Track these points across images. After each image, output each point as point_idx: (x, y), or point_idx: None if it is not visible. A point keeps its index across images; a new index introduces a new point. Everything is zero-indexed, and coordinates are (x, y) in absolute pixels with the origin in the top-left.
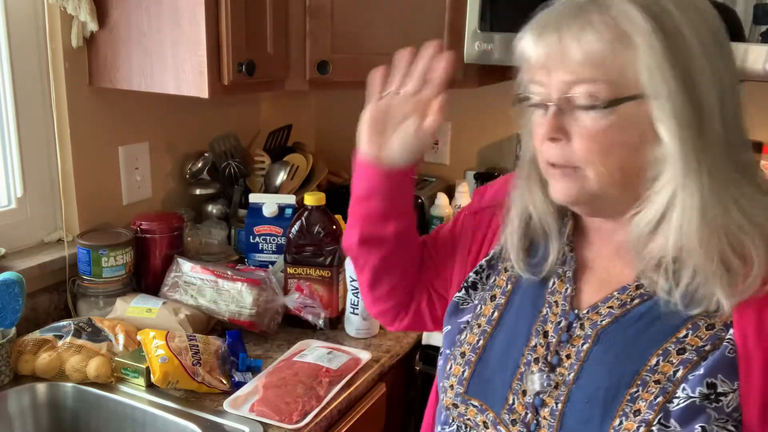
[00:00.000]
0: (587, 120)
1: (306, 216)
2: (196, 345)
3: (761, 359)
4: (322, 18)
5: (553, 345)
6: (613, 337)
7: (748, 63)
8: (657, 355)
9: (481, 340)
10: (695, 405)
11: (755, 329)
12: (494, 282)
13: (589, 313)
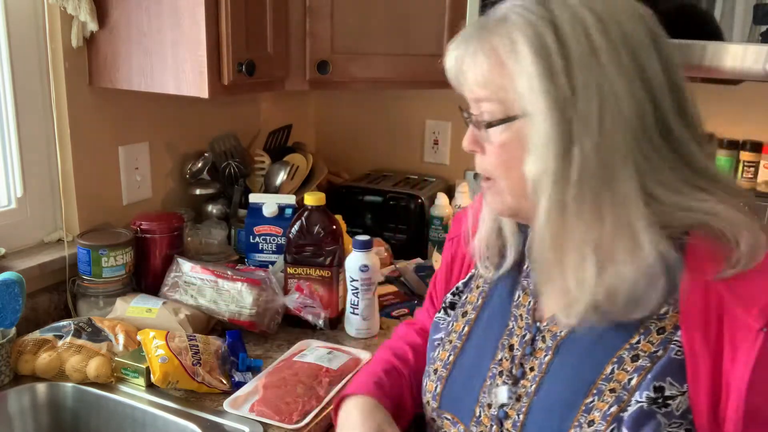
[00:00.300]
0: (490, 135)
1: (306, 216)
2: (196, 345)
3: (708, 363)
4: (322, 18)
5: (518, 358)
6: (571, 347)
7: (747, 63)
8: (612, 363)
9: (451, 355)
10: (643, 410)
11: (700, 329)
12: (466, 299)
13: (548, 325)
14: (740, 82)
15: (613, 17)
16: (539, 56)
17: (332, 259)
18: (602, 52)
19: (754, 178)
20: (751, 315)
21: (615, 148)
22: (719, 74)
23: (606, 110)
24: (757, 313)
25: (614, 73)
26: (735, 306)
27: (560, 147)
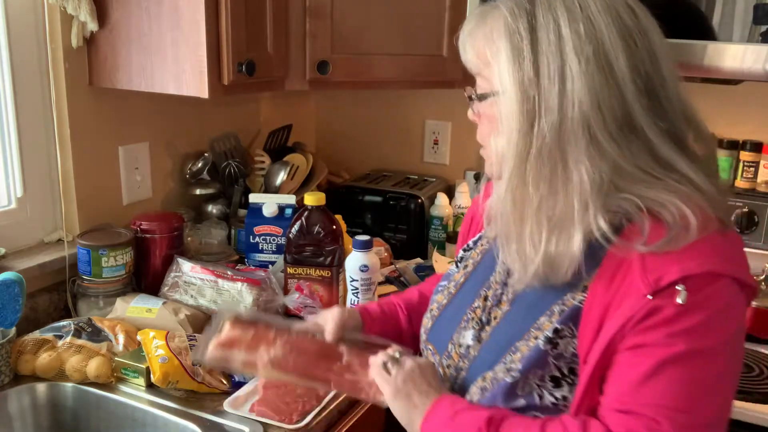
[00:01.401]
0: (479, 108)
1: (306, 216)
2: (196, 345)
3: (599, 310)
4: (322, 18)
5: (488, 307)
6: (522, 301)
7: (747, 63)
8: (545, 315)
9: (446, 300)
10: (540, 349)
11: (605, 284)
12: (471, 255)
13: (514, 282)
14: (740, 82)
15: (585, 13)
16: (510, 41)
17: (332, 259)
18: (567, 44)
19: (754, 178)
20: (645, 282)
21: (571, 131)
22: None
23: (565, 97)
24: (651, 282)
25: (575, 64)
26: (638, 273)
27: (523, 124)
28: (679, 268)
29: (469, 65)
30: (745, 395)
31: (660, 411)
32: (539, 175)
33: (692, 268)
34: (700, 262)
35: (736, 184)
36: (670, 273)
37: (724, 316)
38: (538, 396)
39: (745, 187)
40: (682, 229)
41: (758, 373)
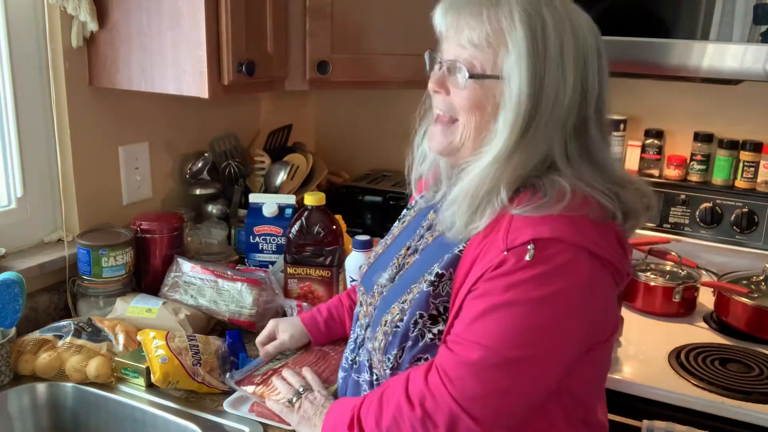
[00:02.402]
0: (466, 83)
1: (306, 216)
2: (196, 345)
3: (469, 261)
4: (322, 18)
5: (406, 255)
6: (427, 251)
7: (747, 63)
8: (438, 263)
9: (381, 249)
10: (422, 291)
11: (479, 241)
12: (409, 213)
13: (428, 234)
14: (740, 82)
15: (582, 31)
16: (530, 39)
17: (332, 259)
18: (568, 55)
19: (754, 178)
20: (504, 240)
21: (551, 125)
22: (719, 74)
23: (557, 98)
24: (509, 241)
25: (570, 73)
26: (502, 231)
27: (527, 111)
28: (533, 231)
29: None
30: (745, 395)
31: (473, 345)
32: (522, 154)
33: (544, 232)
34: (552, 229)
35: (736, 184)
36: (524, 234)
37: (564, 276)
38: (421, 335)
39: (745, 187)
40: (553, 201)
41: (758, 373)
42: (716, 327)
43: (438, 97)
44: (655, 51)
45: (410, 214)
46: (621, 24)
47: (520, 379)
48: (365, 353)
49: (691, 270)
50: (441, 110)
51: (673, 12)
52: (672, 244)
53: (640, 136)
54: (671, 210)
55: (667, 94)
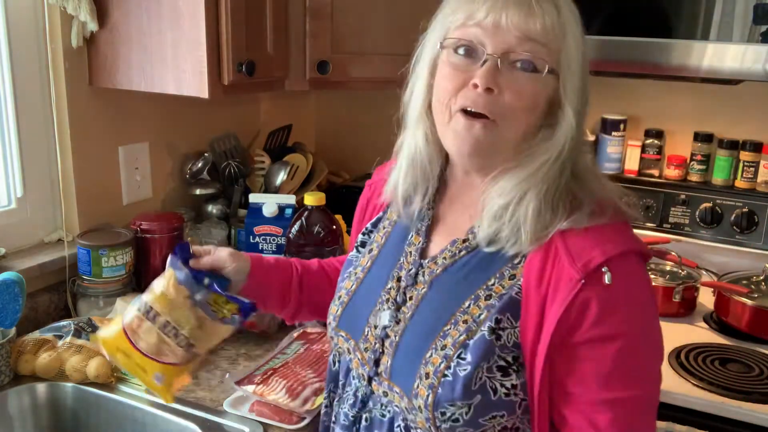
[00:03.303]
0: (522, 79)
1: (306, 216)
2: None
3: (537, 303)
4: (322, 18)
5: (402, 288)
6: (442, 283)
7: (747, 63)
8: (470, 299)
9: (354, 285)
10: (485, 339)
11: (537, 276)
12: (374, 239)
13: (428, 263)
14: (740, 82)
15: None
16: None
17: None
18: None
19: (754, 178)
20: (575, 267)
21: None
22: (719, 74)
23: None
24: (580, 267)
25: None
26: (563, 257)
27: (582, 105)
28: (600, 250)
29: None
30: (745, 395)
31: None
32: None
33: (610, 249)
34: (615, 243)
35: (736, 184)
36: (593, 256)
37: (641, 287)
38: (492, 389)
39: (745, 187)
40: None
41: (758, 373)
42: (716, 327)
43: (480, 96)
44: (655, 51)
45: (374, 239)
46: (621, 24)
47: (656, 403)
48: (379, 408)
49: (691, 270)
50: (481, 109)
51: (673, 12)
52: (672, 244)
53: (640, 136)
54: (671, 210)
55: (667, 94)
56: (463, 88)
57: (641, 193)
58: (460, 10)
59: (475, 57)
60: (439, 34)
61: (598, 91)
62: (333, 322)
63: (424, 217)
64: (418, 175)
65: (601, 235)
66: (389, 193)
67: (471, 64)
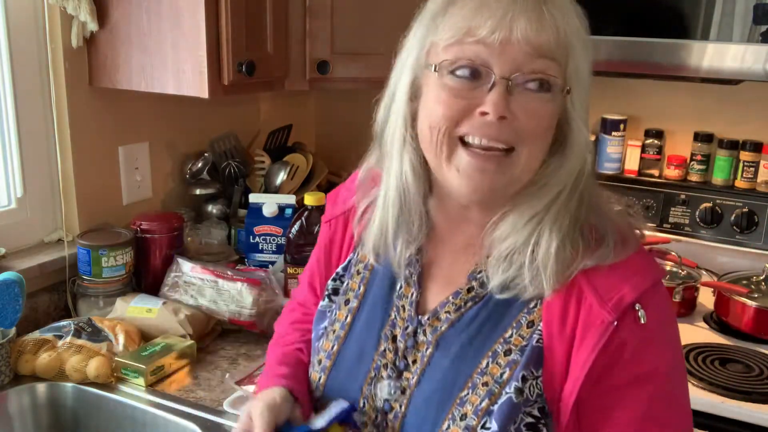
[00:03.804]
0: (536, 101)
1: (306, 216)
2: None
3: (562, 349)
4: (322, 18)
5: (401, 350)
6: (450, 341)
7: (747, 63)
8: (487, 357)
9: (335, 345)
10: (512, 402)
11: (559, 319)
12: (348, 286)
13: (430, 319)
14: (740, 82)
15: None
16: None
17: None
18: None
19: (754, 178)
20: (606, 308)
21: None
22: (719, 74)
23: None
24: (611, 308)
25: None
26: (591, 297)
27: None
28: (630, 286)
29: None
30: (745, 395)
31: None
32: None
33: (639, 284)
34: (643, 277)
35: (736, 184)
36: (624, 293)
37: (670, 316)
38: None
39: (745, 187)
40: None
41: (758, 373)
42: (716, 327)
43: (491, 125)
44: (655, 51)
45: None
46: (621, 24)
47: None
48: None
49: (691, 270)
50: (494, 140)
51: (672, 12)
52: (672, 244)
53: (640, 136)
54: (671, 210)
55: (667, 94)
56: (467, 115)
57: (641, 193)
58: (451, 25)
59: (479, 79)
60: (417, 55)
61: (598, 91)
62: (316, 392)
63: (413, 262)
64: (404, 213)
65: (627, 267)
66: (374, 240)
67: (474, 88)
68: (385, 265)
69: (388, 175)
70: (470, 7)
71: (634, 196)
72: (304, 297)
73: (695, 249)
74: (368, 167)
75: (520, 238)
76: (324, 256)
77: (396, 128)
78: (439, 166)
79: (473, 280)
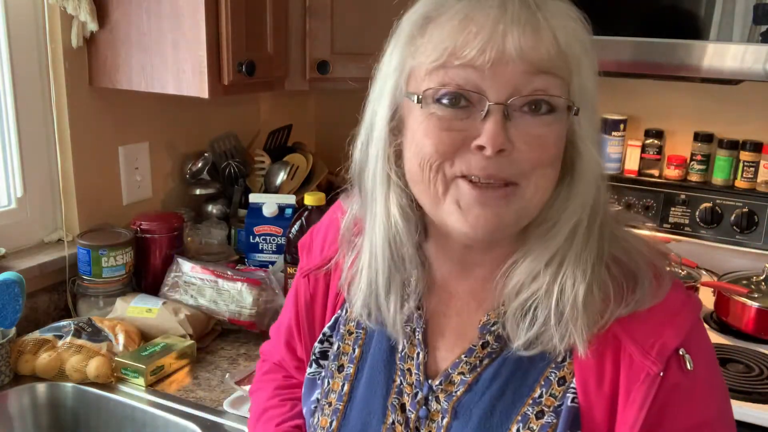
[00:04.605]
0: (539, 126)
1: (306, 216)
2: None
3: (603, 408)
4: (322, 18)
5: (412, 422)
6: (470, 408)
7: (747, 63)
8: (516, 423)
9: (334, 421)
10: None
11: (596, 375)
12: (339, 350)
13: (442, 384)
14: (740, 82)
15: None
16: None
17: None
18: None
19: (754, 178)
20: (649, 358)
21: None
22: (719, 74)
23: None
24: (655, 357)
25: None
26: (631, 348)
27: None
28: (673, 331)
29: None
30: (745, 395)
31: None
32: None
33: (681, 325)
34: (684, 317)
35: (736, 184)
36: (668, 341)
37: (712, 353)
38: None
39: (745, 187)
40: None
41: (758, 373)
42: (716, 327)
43: (489, 160)
44: (655, 51)
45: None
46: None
47: None
48: None
49: (691, 270)
50: (494, 177)
51: (672, 12)
52: (672, 244)
53: (640, 136)
54: (671, 210)
55: (667, 94)
56: (461, 150)
57: (641, 193)
58: (433, 46)
59: (471, 107)
60: (395, 83)
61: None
62: None
63: (415, 318)
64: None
65: (665, 309)
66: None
67: (465, 118)
68: (379, 323)
69: (373, 223)
70: (453, 23)
71: (634, 196)
72: (281, 358)
73: (695, 249)
74: (351, 216)
75: (541, 286)
76: (305, 314)
77: (378, 168)
78: (435, 204)
79: (487, 334)
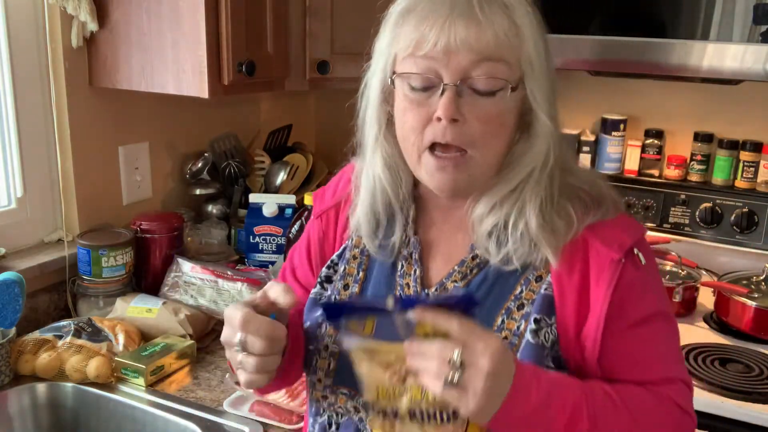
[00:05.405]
0: (485, 104)
1: (306, 216)
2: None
3: (574, 292)
4: (322, 18)
5: None
6: None
7: (747, 63)
8: (501, 315)
9: None
10: (530, 344)
11: (566, 267)
12: (345, 271)
13: (437, 291)
14: (740, 82)
15: None
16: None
17: None
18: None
19: (754, 178)
20: (613, 249)
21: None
22: (719, 74)
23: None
24: (617, 248)
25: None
26: (598, 244)
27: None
28: (627, 235)
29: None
30: (745, 395)
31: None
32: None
33: (633, 234)
34: (634, 230)
35: (736, 184)
36: (626, 239)
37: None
38: None
39: (745, 187)
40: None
41: (758, 373)
42: (716, 327)
43: (446, 128)
44: (655, 51)
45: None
46: (621, 24)
47: None
48: None
49: (691, 270)
50: (450, 141)
51: (673, 12)
52: (672, 244)
53: (640, 136)
54: (671, 210)
55: (667, 94)
56: (429, 122)
57: (641, 193)
58: (403, 38)
59: (433, 88)
60: (385, 62)
61: (598, 91)
62: (326, 379)
63: (411, 242)
64: (386, 203)
65: (620, 222)
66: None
67: (430, 96)
68: (383, 248)
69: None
70: (418, 18)
71: (634, 196)
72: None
73: (695, 249)
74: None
75: (500, 217)
76: (319, 250)
77: (371, 129)
78: (415, 166)
79: (475, 250)
